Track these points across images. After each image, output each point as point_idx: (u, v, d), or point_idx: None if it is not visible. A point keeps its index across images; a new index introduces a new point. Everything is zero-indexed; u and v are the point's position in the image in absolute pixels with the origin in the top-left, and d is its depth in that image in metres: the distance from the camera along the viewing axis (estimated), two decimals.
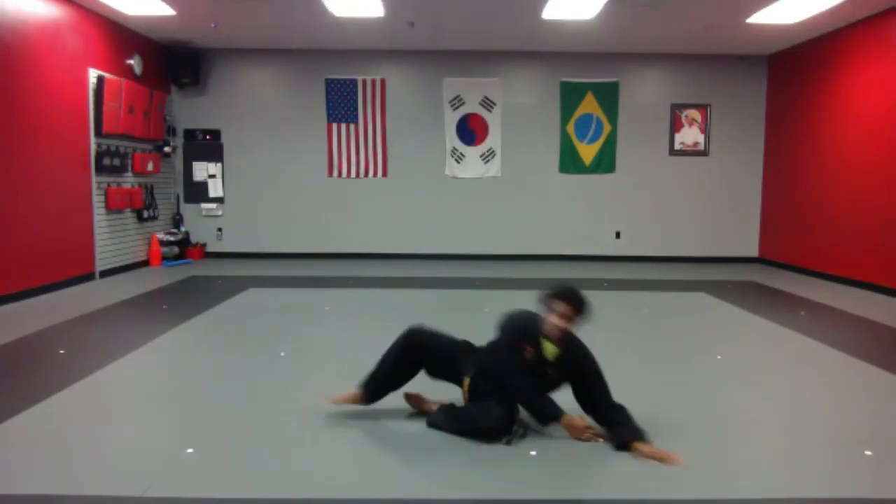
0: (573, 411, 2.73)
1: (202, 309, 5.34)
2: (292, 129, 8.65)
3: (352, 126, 8.63)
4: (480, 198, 8.78)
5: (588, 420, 2.73)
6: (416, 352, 2.86)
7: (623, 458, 2.54)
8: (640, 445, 2.55)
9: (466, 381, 2.82)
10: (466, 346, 2.93)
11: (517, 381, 2.69)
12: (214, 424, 2.88)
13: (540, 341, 2.69)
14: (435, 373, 2.92)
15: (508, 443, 2.62)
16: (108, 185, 7.01)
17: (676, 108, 8.72)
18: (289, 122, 8.64)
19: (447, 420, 2.77)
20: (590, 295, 2.74)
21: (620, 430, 2.62)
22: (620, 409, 2.69)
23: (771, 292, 6.55)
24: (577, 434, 2.66)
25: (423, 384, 2.97)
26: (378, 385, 2.89)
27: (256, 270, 7.63)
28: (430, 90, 8.63)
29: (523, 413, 2.77)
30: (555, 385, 2.76)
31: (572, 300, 2.64)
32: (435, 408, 2.89)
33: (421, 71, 8.63)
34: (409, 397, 2.96)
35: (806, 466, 2.52)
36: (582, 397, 2.75)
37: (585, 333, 2.79)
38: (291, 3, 6.40)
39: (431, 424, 2.80)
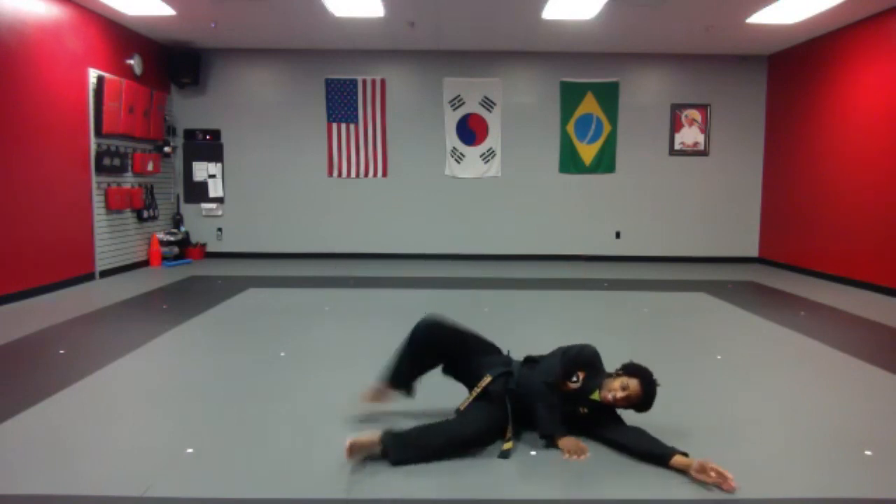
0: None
1: (202, 309, 5.35)
2: (292, 129, 8.65)
3: (352, 126, 8.63)
4: (480, 198, 8.78)
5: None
6: (435, 336, 2.80)
7: (623, 457, 2.54)
8: (683, 459, 2.42)
9: (486, 379, 2.73)
10: (495, 348, 2.92)
11: (546, 393, 2.62)
12: (214, 424, 2.88)
13: (593, 383, 2.67)
14: (452, 366, 2.85)
15: (505, 456, 2.53)
16: (108, 185, 7.01)
17: (676, 108, 8.72)
18: (289, 122, 8.65)
19: (411, 449, 2.47)
20: (590, 295, 2.74)
21: (658, 448, 2.49)
22: (643, 433, 2.59)
23: (771, 292, 6.55)
24: (571, 447, 2.56)
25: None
26: (402, 375, 2.85)
27: (256, 270, 7.63)
28: (430, 90, 8.63)
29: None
30: (575, 423, 2.69)
31: (646, 390, 2.60)
32: (375, 439, 2.46)
33: (421, 71, 8.63)
34: (353, 447, 2.43)
35: (806, 466, 2.52)
36: (609, 441, 2.66)
37: (587, 334, 2.79)
38: (291, 3, 6.40)
39: (398, 462, 2.43)
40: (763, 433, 2.84)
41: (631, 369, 2.67)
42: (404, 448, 2.45)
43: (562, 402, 2.65)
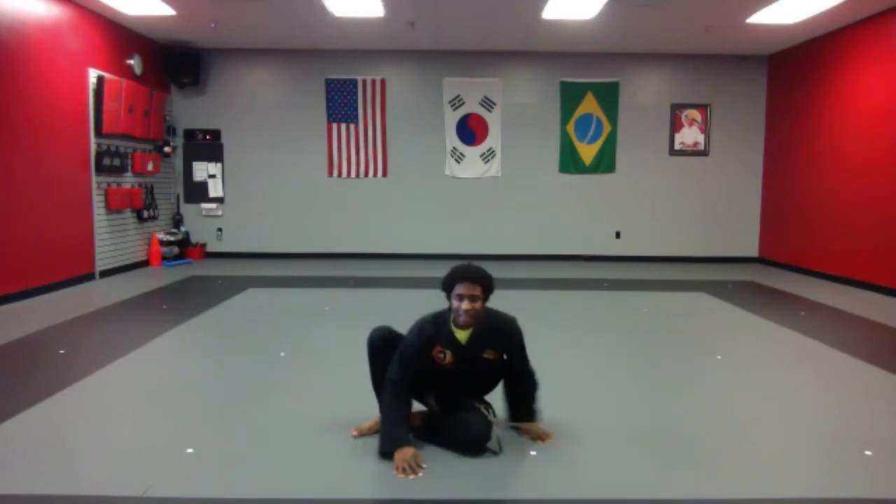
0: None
1: (202, 309, 5.34)
2: (292, 129, 8.65)
3: (352, 126, 8.63)
4: (480, 198, 8.78)
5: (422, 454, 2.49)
6: (387, 340, 2.66)
7: (623, 458, 2.55)
8: (527, 426, 2.67)
9: (430, 398, 2.69)
10: None
11: (385, 394, 2.52)
12: (214, 424, 2.88)
13: (451, 334, 2.53)
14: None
15: (497, 447, 2.54)
16: (108, 185, 7.01)
17: (676, 108, 8.72)
18: (289, 122, 8.65)
19: (429, 433, 2.63)
20: (590, 295, 2.74)
21: (519, 406, 2.68)
22: (531, 386, 2.67)
23: (771, 292, 6.55)
24: (400, 465, 2.36)
25: None
26: None
27: (256, 270, 7.63)
28: (430, 90, 8.63)
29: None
30: (498, 372, 2.63)
31: (471, 277, 2.46)
32: (418, 421, 2.70)
33: (421, 71, 8.63)
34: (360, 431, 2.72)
35: (806, 466, 2.52)
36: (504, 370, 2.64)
37: (587, 334, 2.79)
38: (291, 3, 6.40)
39: (417, 437, 2.61)
40: (763, 433, 2.83)
41: (449, 281, 2.52)
42: (427, 432, 2.61)
43: (400, 406, 2.50)
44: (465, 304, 2.46)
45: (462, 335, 2.55)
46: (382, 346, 2.66)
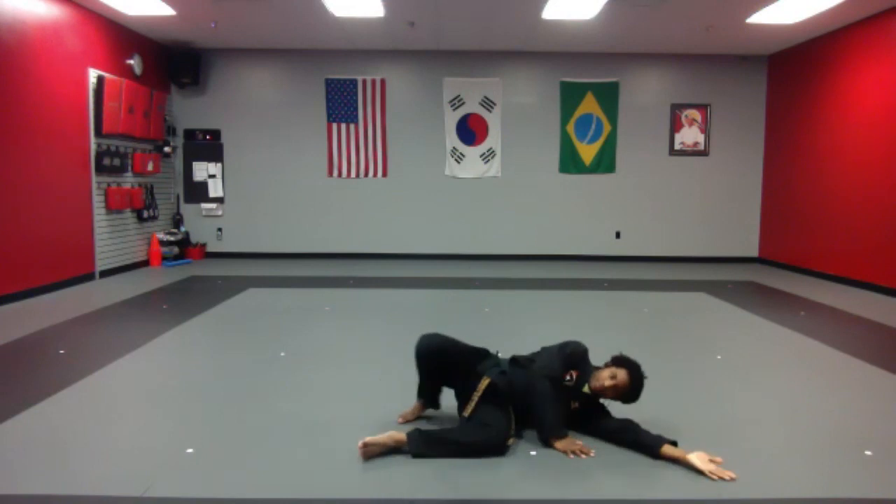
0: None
1: (202, 309, 5.35)
2: (292, 129, 8.65)
3: (352, 126, 8.63)
4: (480, 198, 8.78)
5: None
6: (432, 357, 2.81)
7: (622, 458, 2.55)
8: (671, 449, 2.51)
9: (485, 381, 2.71)
10: (484, 351, 2.88)
11: (549, 390, 2.64)
12: (214, 424, 2.88)
13: (584, 377, 2.73)
14: (447, 378, 2.86)
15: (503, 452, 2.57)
16: (108, 185, 7.02)
17: (676, 108, 8.72)
18: (289, 122, 8.65)
19: (435, 446, 2.55)
20: (590, 295, 2.73)
21: (648, 441, 2.58)
22: (632, 423, 2.67)
23: (771, 292, 6.55)
24: (570, 447, 2.58)
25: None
26: (428, 392, 2.91)
27: (256, 270, 7.63)
28: (430, 90, 8.63)
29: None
30: (566, 419, 2.74)
31: (633, 380, 2.65)
32: (396, 439, 2.57)
33: (421, 71, 8.63)
34: (367, 447, 2.54)
35: (806, 466, 2.52)
36: (598, 432, 2.74)
37: (587, 333, 2.79)
38: (291, 3, 6.40)
39: (418, 455, 2.52)
40: (763, 433, 2.83)
41: (619, 360, 2.71)
42: (427, 443, 2.54)
43: (560, 399, 2.67)
44: (609, 382, 2.65)
45: (585, 388, 2.72)
46: (426, 354, 2.80)
